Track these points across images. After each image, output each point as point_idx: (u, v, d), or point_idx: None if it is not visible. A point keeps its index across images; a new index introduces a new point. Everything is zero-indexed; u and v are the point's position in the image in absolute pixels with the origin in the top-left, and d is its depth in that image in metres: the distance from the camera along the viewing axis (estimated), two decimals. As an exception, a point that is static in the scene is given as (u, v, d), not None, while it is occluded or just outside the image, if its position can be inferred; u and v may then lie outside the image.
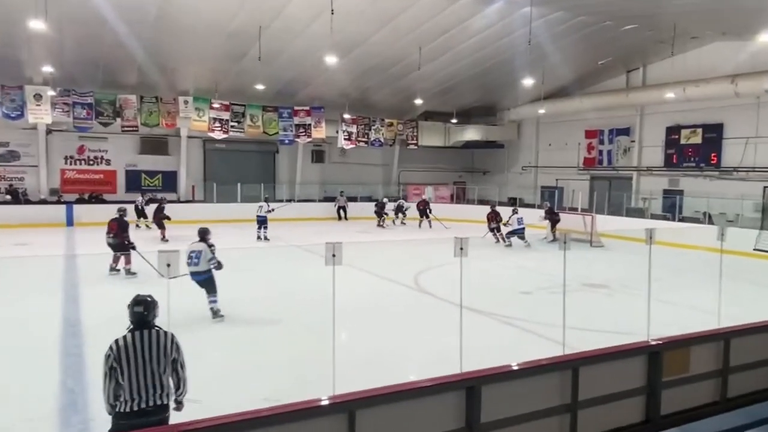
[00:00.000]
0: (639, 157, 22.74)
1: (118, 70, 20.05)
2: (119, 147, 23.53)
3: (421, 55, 18.69)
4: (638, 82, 22.36)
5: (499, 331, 8.26)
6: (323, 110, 24.50)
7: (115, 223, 11.82)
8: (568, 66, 21.63)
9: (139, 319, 3.68)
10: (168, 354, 3.66)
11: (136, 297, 3.77)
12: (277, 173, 26.88)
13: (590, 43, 18.80)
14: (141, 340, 3.62)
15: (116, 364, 3.56)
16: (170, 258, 3.70)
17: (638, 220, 19.42)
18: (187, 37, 17.19)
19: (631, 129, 22.89)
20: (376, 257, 14.58)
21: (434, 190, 27.17)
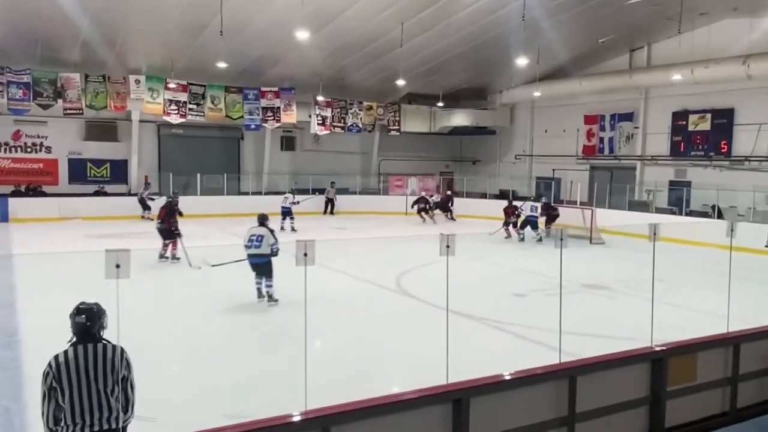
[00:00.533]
0: (643, 145, 23.00)
1: (59, 44, 19.68)
2: (61, 132, 23.10)
3: (403, 30, 18.65)
4: (642, 62, 22.60)
5: (489, 338, 8.33)
6: (294, 92, 24.36)
7: (164, 209, 13.26)
8: (565, 44, 21.77)
9: (82, 331, 3.54)
10: (116, 371, 3.53)
11: (79, 305, 3.63)
12: (242, 162, 26.69)
13: (590, 19, 18.95)
14: (85, 355, 3.50)
15: (56, 383, 3.44)
16: (120, 258, 3.65)
17: (642, 214, 19.62)
18: (138, 6, 16.94)
19: (635, 114, 23.14)
20: (353, 256, 14.58)
21: (419, 181, 27.24)
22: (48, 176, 23.11)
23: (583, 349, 5.58)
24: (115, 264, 3.59)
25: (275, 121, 24.33)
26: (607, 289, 11.41)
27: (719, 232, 6.54)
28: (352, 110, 25.94)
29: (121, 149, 24.13)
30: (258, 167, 26.52)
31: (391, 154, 29.09)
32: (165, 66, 21.74)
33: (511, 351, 7.73)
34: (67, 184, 23.23)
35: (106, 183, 23.63)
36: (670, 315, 8.51)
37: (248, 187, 25.45)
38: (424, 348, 7.49)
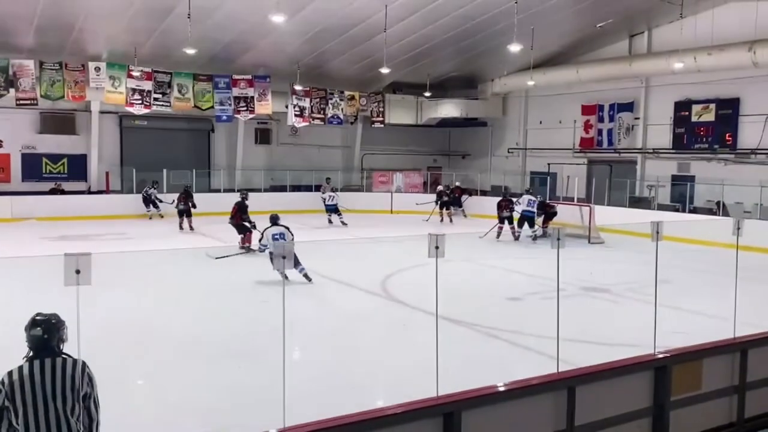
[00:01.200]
0: (644, 138, 23.21)
1: (10, 28, 19.43)
2: (13, 125, 22.83)
3: (387, 13, 18.66)
4: (643, 48, 22.80)
5: (481, 345, 8.37)
6: (269, 80, 24.26)
7: (236, 206, 15.42)
8: (561, 29, 21.92)
9: (38, 345, 3.44)
10: (77, 388, 3.45)
11: (35, 317, 3.52)
12: (212, 157, 26.55)
13: (588, 2, 19.08)
14: (42, 370, 3.40)
15: (8, 402, 3.35)
16: (80, 262, 3.61)
17: (643, 211, 19.77)
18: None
19: (635, 104, 23.34)
20: (334, 258, 14.57)
21: (404, 177, 27.26)
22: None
23: (582, 358, 5.61)
24: (75, 269, 3.54)
25: (249, 112, 24.19)
26: (607, 292, 11.50)
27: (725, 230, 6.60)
28: (332, 100, 25.87)
29: (79, 143, 23.89)
30: (230, 162, 26.39)
31: (374, 148, 29.10)
32: (128, 52, 21.54)
33: (506, 360, 7.77)
34: (20, 182, 22.97)
35: (63, 180, 23.38)
36: (673, 319, 8.60)
37: (219, 183, 25.32)
38: (411, 357, 7.50)
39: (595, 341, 8.02)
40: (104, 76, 21.67)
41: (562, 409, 4.60)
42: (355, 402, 5.28)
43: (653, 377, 5.05)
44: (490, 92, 27.90)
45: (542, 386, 4.61)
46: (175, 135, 25.66)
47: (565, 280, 7.78)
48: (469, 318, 9.22)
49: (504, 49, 20.66)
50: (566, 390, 4.62)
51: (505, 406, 4.42)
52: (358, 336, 8.80)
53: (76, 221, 19.96)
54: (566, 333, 5.53)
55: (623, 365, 5.02)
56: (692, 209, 20.00)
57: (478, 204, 23.92)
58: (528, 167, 27.61)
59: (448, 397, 4.21)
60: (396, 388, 6.55)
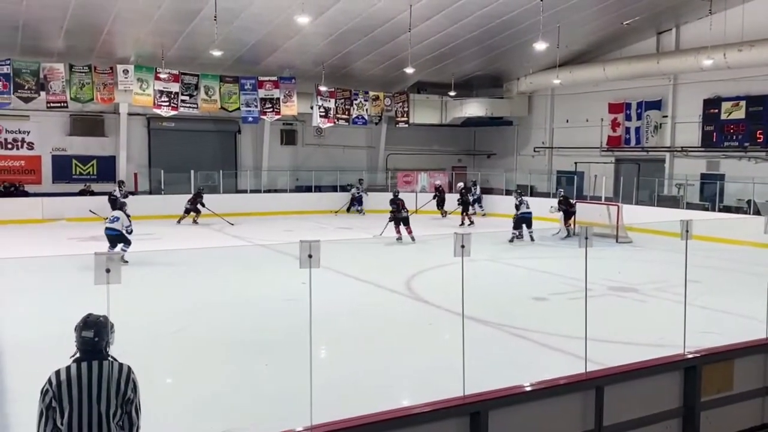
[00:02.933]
0: (672, 136, 22.92)
1: (41, 32, 19.78)
2: (44, 127, 23.24)
3: (412, 13, 18.65)
4: (671, 45, 22.51)
5: (508, 345, 8.33)
6: (294, 81, 24.38)
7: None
8: (587, 27, 21.72)
9: (88, 347, 3.45)
10: (121, 393, 3.46)
11: (87, 318, 3.52)
12: (239, 158, 26.76)
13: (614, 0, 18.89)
14: (89, 373, 3.41)
15: (56, 402, 3.35)
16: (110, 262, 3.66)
17: (672, 210, 19.59)
18: (126, -8, 17.03)
19: (663, 102, 23.06)
20: (359, 258, 14.60)
21: (429, 177, 27.22)
22: (30, 175, 23.23)
23: (610, 358, 5.56)
24: (105, 269, 3.58)
25: (274, 113, 24.32)
26: (635, 292, 11.38)
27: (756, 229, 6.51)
28: (357, 101, 25.94)
29: (108, 145, 24.24)
30: (256, 163, 26.58)
31: (399, 148, 29.10)
32: (155, 55, 21.80)
33: (532, 360, 7.72)
34: (50, 183, 23.35)
35: (92, 181, 23.72)
36: (703, 319, 8.49)
37: (246, 184, 25.52)
38: (437, 357, 7.49)
39: (623, 341, 7.93)
40: (132, 79, 21.92)
41: (590, 409, 4.56)
42: (382, 401, 5.29)
43: (683, 377, 5.00)
44: (515, 91, 27.76)
45: (570, 386, 4.58)
46: (202, 136, 25.91)
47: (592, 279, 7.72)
48: (494, 318, 9.18)
49: (529, 47, 20.55)
50: (594, 390, 4.58)
51: (532, 406, 4.39)
52: (384, 335, 8.81)
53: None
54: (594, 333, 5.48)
55: (652, 365, 4.97)
56: (722, 208, 19.71)
57: (502, 203, 23.75)
58: (554, 166, 27.43)
59: (475, 396, 4.20)
60: (422, 388, 6.55)
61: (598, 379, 4.65)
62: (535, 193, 24.11)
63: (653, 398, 4.88)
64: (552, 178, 26.44)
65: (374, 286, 11.83)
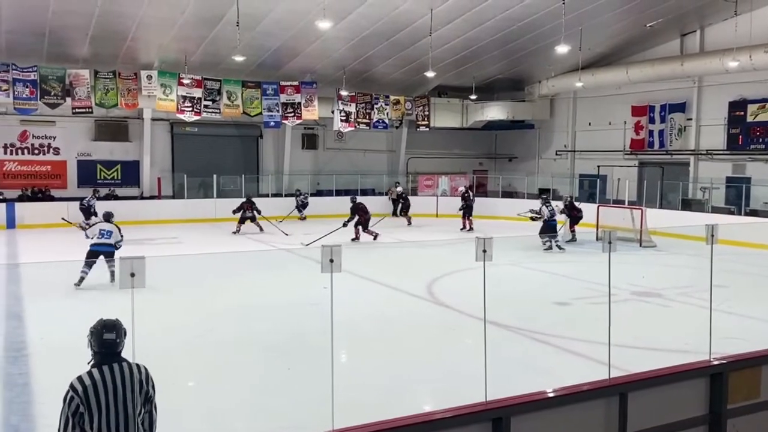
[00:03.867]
0: (697, 139, 22.66)
1: (67, 39, 20.07)
2: (70, 133, 23.60)
3: (432, 17, 18.65)
4: (695, 47, 22.27)
5: (530, 351, 8.27)
6: (316, 86, 24.49)
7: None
8: (610, 29, 21.55)
9: (110, 349, 3.49)
10: (143, 392, 3.52)
11: (105, 321, 3.55)
12: (261, 162, 26.93)
13: (637, 1, 18.73)
14: (112, 376, 3.45)
15: (84, 408, 3.37)
16: (135, 266, 3.70)
17: (697, 214, 19.38)
18: (150, -1, 17.22)
19: (687, 104, 22.82)
20: (380, 262, 14.61)
21: (450, 181, 27.17)
22: (56, 179, 23.60)
23: (634, 363, 5.50)
24: (129, 273, 3.62)
25: (296, 117, 24.44)
26: (659, 297, 11.25)
27: (785, 234, 6.39)
28: (377, 105, 25.98)
29: (132, 150, 24.53)
30: (278, 167, 26.73)
31: (420, 152, 29.10)
32: (178, 60, 22.03)
33: (555, 365, 7.66)
34: (76, 188, 23.68)
35: (116, 186, 24.01)
36: (729, 325, 8.35)
37: (268, 188, 25.66)
38: (459, 362, 7.46)
39: (647, 347, 7.85)
40: (156, 84, 22.17)
41: (614, 416, 4.51)
42: (403, 406, 5.29)
43: (709, 384, 4.92)
44: (537, 94, 27.63)
45: (593, 392, 4.53)
46: (224, 141, 26.13)
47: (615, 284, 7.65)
48: (516, 322, 9.13)
49: (551, 50, 20.45)
50: (618, 396, 4.53)
51: (555, 412, 4.35)
52: (405, 340, 8.79)
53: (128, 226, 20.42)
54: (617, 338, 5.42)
55: (677, 371, 4.90)
56: (748, 212, 19.43)
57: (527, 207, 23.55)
58: (577, 170, 27.23)
59: (497, 402, 4.17)
60: (444, 393, 6.53)
61: (622, 385, 4.60)
62: (556, 197, 23.96)
63: (678, 405, 4.81)
64: (574, 182, 26.26)
65: (395, 291, 11.82)
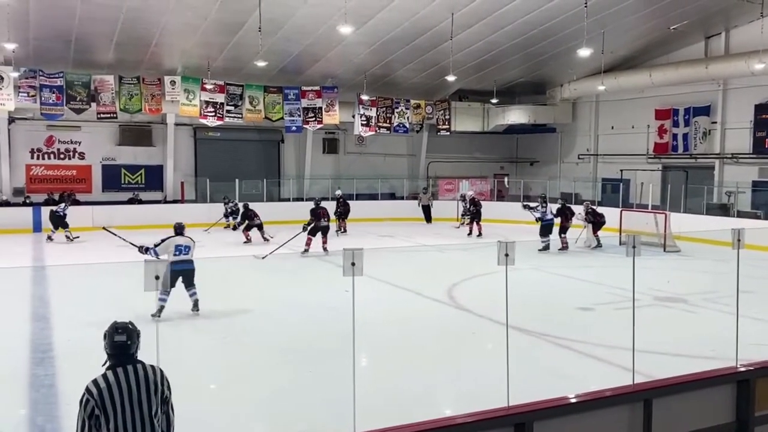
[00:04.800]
0: (722, 142, 22.37)
1: (92, 46, 20.38)
2: (95, 137, 23.92)
3: (453, 21, 18.63)
4: (720, 50, 22.00)
5: (552, 356, 8.21)
6: (337, 90, 24.59)
7: None
8: (633, 32, 21.37)
9: (121, 351, 3.54)
10: (159, 393, 3.56)
11: (116, 324, 3.61)
12: (282, 166, 27.08)
13: (660, 4, 18.56)
14: (126, 378, 3.49)
15: (99, 410, 3.41)
16: (159, 269, 3.75)
17: (722, 218, 19.18)
18: (172, 4, 17.40)
19: (712, 107, 22.54)
20: (401, 266, 14.59)
21: (471, 185, 27.09)
22: (81, 183, 23.90)
23: (658, 369, 5.44)
24: (154, 275, 3.67)
25: (317, 122, 24.56)
26: (684, 302, 11.11)
27: (813, 239, 6.29)
28: (398, 109, 26.02)
29: (155, 154, 24.79)
30: (299, 171, 26.85)
31: (440, 156, 29.05)
32: (201, 66, 22.25)
33: (578, 371, 7.59)
34: (100, 192, 23.99)
35: (140, 190, 24.27)
36: (756, 331, 8.24)
37: (289, 192, 25.78)
38: (480, 366, 7.43)
39: (672, 353, 7.75)
40: (179, 90, 22.41)
41: (638, 422, 4.46)
42: (424, 410, 5.27)
43: (736, 391, 4.85)
44: (559, 98, 27.47)
45: (617, 398, 4.48)
46: (246, 146, 26.31)
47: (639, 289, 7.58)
48: (538, 327, 9.07)
49: (573, 53, 20.34)
50: (642, 403, 4.48)
51: (578, 418, 4.32)
52: (427, 344, 8.77)
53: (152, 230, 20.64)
54: (641, 344, 5.37)
55: (703, 378, 4.84)
56: (775, 216, 19.16)
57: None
58: (599, 174, 27.03)
59: (520, 407, 4.14)
60: (465, 397, 6.51)
61: (646, 392, 4.55)
62: (578, 201, 23.81)
63: (704, 412, 4.75)
64: (597, 186, 26.05)
65: (416, 295, 11.80)
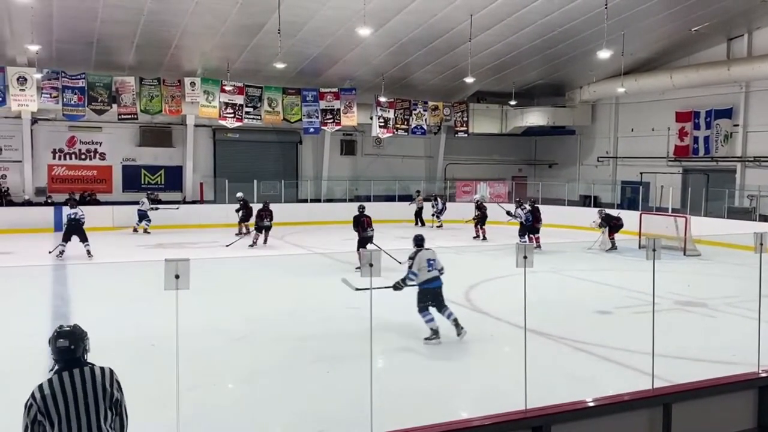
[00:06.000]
0: (744, 145, 22.16)
1: (113, 47, 20.60)
2: (115, 138, 24.17)
3: (472, 23, 18.61)
4: (742, 52, 21.79)
5: (570, 360, 8.15)
6: (355, 92, 24.65)
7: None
8: (654, 34, 21.23)
9: (65, 356, 3.51)
10: (108, 395, 3.49)
11: (58, 329, 3.59)
12: (300, 167, 27.18)
13: (682, 5, 18.41)
14: (72, 381, 3.43)
15: (42, 416, 3.35)
16: (179, 268, 3.76)
17: (744, 222, 18.95)
18: (193, 6, 17.55)
19: (734, 110, 22.33)
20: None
21: (489, 187, 27.01)
22: (102, 184, 24.17)
23: (678, 374, 5.38)
24: (174, 274, 3.69)
25: (335, 124, 24.63)
26: (704, 307, 10.99)
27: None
28: (416, 111, 26.02)
29: (175, 155, 25.00)
30: (317, 173, 26.93)
31: (458, 158, 29.01)
32: (220, 68, 22.41)
33: (596, 375, 7.54)
34: (120, 192, 24.21)
35: (160, 190, 24.46)
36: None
37: (306, 193, 25.87)
38: (498, 369, 7.40)
39: (692, 357, 7.67)
40: (199, 91, 22.58)
41: (658, 427, 4.43)
42: (441, 412, 5.26)
43: (757, 397, 4.80)
44: (578, 100, 27.34)
45: (635, 402, 4.45)
46: (265, 147, 26.44)
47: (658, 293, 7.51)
48: (557, 331, 9.02)
49: (593, 55, 20.23)
50: (662, 407, 4.45)
51: (597, 422, 4.29)
52: (444, 346, 8.75)
53: (172, 230, 20.83)
54: (660, 348, 5.32)
55: (724, 383, 4.79)
56: (798, 220, 18.93)
57: (566, 214, 23.32)
58: (619, 176, 26.85)
59: (537, 410, 4.13)
60: (482, 400, 6.49)
61: (665, 396, 4.51)
62: (597, 204, 23.67)
63: (725, 418, 4.70)
64: (616, 189, 25.87)
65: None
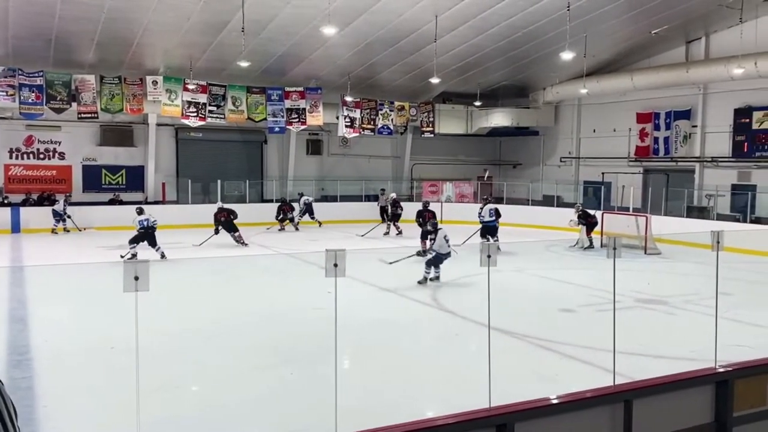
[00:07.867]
0: (702, 146, 22.63)
1: (73, 45, 20.18)
2: (75, 138, 23.67)
3: (437, 24, 18.69)
4: (700, 54, 22.26)
5: (534, 357, 8.24)
6: (321, 92, 24.57)
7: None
8: (615, 36, 21.57)
9: None
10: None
11: None
12: (265, 167, 26.97)
13: (642, 8, 18.75)
14: None
15: None
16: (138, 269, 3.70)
17: (702, 221, 19.36)
18: (155, 4, 17.28)
19: (693, 111, 22.79)
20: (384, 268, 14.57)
21: (454, 187, 27.17)
22: (61, 184, 23.64)
23: (639, 371, 5.47)
24: (133, 276, 3.63)
25: (300, 123, 24.52)
26: (664, 304, 11.20)
27: (790, 241, 6.37)
28: (382, 111, 26.04)
29: (137, 155, 24.60)
30: (282, 172, 26.77)
31: (424, 158, 29.12)
32: (183, 66, 22.12)
33: (559, 372, 7.62)
34: (81, 192, 23.72)
35: (121, 191, 24.07)
36: (735, 333, 8.32)
37: (272, 193, 25.68)
38: (462, 368, 7.43)
39: (652, 354, 7.81)
40: (161, 90, 22.28)
41: (619, 423, 4.48)
42: (406, 412, 5.27)
43: (715, 392, 4.89)
44: (541, 101, 27.65)
45: (597, 399, 4.50)
46: (228, 146, 26.18)
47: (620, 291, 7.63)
48: (520, 329, 9.10)
49: (556, 57, 20.50)
50: (623, 403, 4.50)
51: (559, 419, 4.33)
52: (409, 345, 8.77)
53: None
54: (622, 345, 5.40)
55: (683, 378, 4.87)
56: (754, 219, 19.38)
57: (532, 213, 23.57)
58: (581, 176, 27.22)
59: (501, 408, 4.15)
60: (447, 399, 6.51)
61: (626, 392, 4.57)
62: (561, 204, 23.98)
63: (684, 412, 4.79)
64: (579, 189, 26.23)
65: (399, 296, 11.80)
